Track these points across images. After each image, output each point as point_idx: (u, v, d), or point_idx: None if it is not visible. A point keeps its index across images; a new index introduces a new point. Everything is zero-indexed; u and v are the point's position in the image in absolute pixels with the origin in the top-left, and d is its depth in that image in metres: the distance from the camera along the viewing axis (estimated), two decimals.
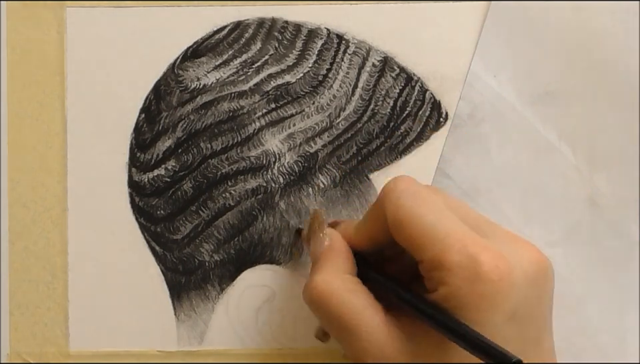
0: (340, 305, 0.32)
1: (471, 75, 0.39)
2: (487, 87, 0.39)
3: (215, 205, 0.39)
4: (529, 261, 0.31)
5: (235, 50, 0.40)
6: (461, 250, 0.30)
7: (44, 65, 0.40)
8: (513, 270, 0.29)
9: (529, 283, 0.30)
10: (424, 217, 0.31)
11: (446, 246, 0.30)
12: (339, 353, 0.39)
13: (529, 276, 0.30)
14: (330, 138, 0.39)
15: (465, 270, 0.29)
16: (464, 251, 0.30)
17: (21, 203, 0.40)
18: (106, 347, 0.40)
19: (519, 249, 0.31)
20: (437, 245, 0.30)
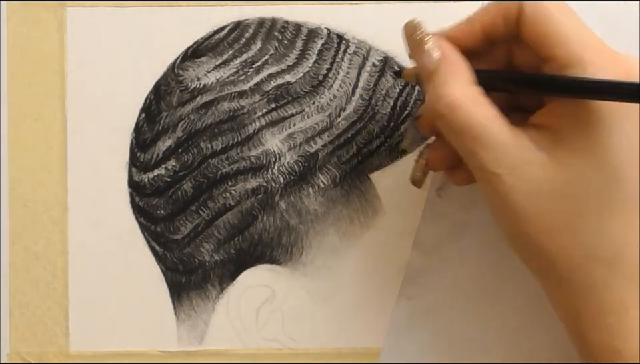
0: (469, 116, 0.32)
1: None
2: None
3: (215, 205, 0.39)
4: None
5: (235, 50, 0.40)
6: (599, 51, 0.31)
7: (44, 65, 0.40)
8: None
9: None
10: (563, 17, 0.31)
11: (585, 45, 0.31)
12: (339, 353, 0.40)
13: None
14: (330, 138, 0.39)
15: (600, 68, 0.30)
16: (601, 53, 0.30)
17: (21, 203, 0.40)
18: (106, 347, 0.40)
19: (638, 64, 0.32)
20: (574, 41, 0.31)
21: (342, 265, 0.40)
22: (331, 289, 0.39)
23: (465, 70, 0.33)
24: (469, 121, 0.32)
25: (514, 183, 0.31)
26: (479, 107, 0.32)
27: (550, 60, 0.31)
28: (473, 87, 0.33)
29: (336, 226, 0.40)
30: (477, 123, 0.31)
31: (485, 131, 0.31)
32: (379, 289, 0.39)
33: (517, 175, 0.31)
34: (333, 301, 0.40)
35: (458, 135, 0.32)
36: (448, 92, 0.32)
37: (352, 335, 0.40)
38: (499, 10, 0.33)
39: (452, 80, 0.33)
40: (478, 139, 0.31)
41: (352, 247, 0.40)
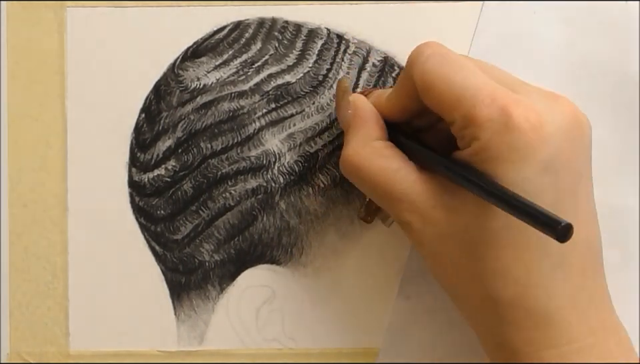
0: (373, 171, 0.33)
1: None
2: None
3: (215, 205, 0.39)
4: (562, 114, 0.31)
5: (235, 50, 0.40)
6: (491, 104, 0.30)
7: (44, 65, 0.40)
8: (545, 122, 0.30)
9: (562, 135, 0.30)
10: (452, 77, 0.31)
11: (476, 101, 0.30)
12: (339, 353, 0.40)
13: (562, 128, 0.30)
14: (330, 138, 0.39)
15: (495, 123, 0.30)
16: (494, 105, 0.30)
17: (21, 203, 0.40)
18: (106, 347, 0.40)
19: (553, 103, 0.31)
20: (466, 101, 0.30)
21: (342, 265, 0.40)
22: (331, 289, 0.39)
23: (372, 126, 0.34)
24: (373, 176, 0.33)
25: (422, 228, 0.32)
26: (382, 161, 0.33)
27: (451, 124, 0.31)
28: (377, 142, 0.34)
29: (336, 226, 0.40)
30: (380, 177, 0.32)
31: (391, 185, 0.32)
32: (379, 288, 0.39)
33: (424, 221, 0.32)
34: (333, 301, 0.40)
35: (368, 190, 0.34)
36: (353, 150, 0.34)
37: (352, 335, 0.40)
38: (402, 87, 0.34)
39: (358, 137, 0.34)
40: (386, 192, 0.32)
41: (352, 246, 0.40)
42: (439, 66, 0.32)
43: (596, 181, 0.36)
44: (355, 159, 0.33)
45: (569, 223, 0.26)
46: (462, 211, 0.31)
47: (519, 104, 0.30)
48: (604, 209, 0.38)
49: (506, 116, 0.30)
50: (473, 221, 0.31)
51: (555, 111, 0.31)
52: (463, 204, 0.31)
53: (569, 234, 0.26)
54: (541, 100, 0.31)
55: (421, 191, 0.32)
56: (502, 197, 0.29)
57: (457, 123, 0.31)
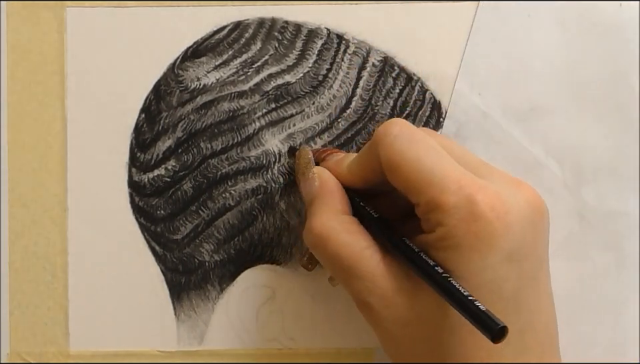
0: (338, 246, 0.32)
1: (456, 93, 0.39)
2: (472, 105, 0.39)
3: (215, 205, 0.39)
4: (525, 201, 0.31)
5: (235, 50, 0.40)
6: (458, 191, 0.30)
7: (44, 65, 0.40)
8: (510, 210, 0.30)
9: (525, 223, 0.30)
10: (420, 160, 0.31)
11: (443, 188, 0.30)
12: (339, 353, 0.40)
13: (525, 216, 0.30)
14: (330, 138, 0.39)
15: (462, 210, 0.29)
16: (460, 192, 0.30)
17: (21, 203, 0.40)
18: (106, 347, 0.40)
19: (515, 189, 0.31)
20: (433, 187, 0.30)
21: None
22: (331, 289, 0.39)
23: (339, 200, 0.34)
24: (338, 252, 0.32)
25: (382, 311, 0.31)
26: (348, 237, 0.32)
27: (417, 205, 0.31)
28: (344, 217, 0.33)
29: None
30: (346, 253, 0.32)
31: (355, 262, 0.32)
32: None
33: (385, 304, 0.31)
34: (333, 301, 0.40)
35: (330, 264, 0.33)
36: (319, 222, 0.33)
37: (351, 335, 0.40)
38: (367, 164, 0.33)
39: (324, 210, 0.33)
40: (349, 269, 0.32)
41: None
42: (407, 148, 0.31)
43: (591, 184, 0.36)
44: (322, 231, 0.33)
45: (504, 326, 0.26)
46: (424, 296, 0.31)
47: (485, 192, 0.30)
48: (598, 212, 0.39)
49: (472, 204, 0.29)
50: (435, 308, 0.30)
51: (517, 197, 0.31)
52: (425, 290, 0.31)
53: (504, 336, 0.27)
54: (504, 186, 0.31)
55: (385, 273, 0.31)
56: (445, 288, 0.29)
57: (422, 207, 0.31)
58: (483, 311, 0.27)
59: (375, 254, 0.32)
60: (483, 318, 0.27)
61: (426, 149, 0.31)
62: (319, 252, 0.33)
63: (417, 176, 0.31)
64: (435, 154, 0.31)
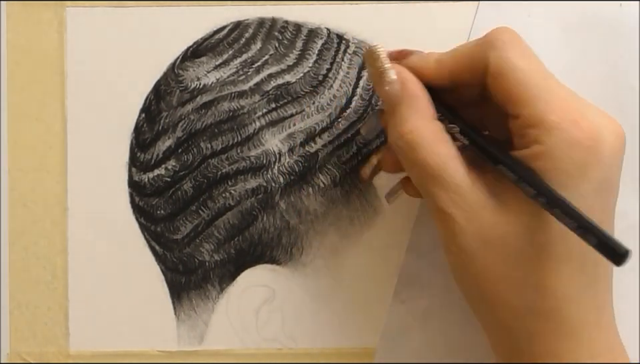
0: (428, 154, 0.31)
1: None
2: None
3: (215, 205, 0.39)
4: (615, 134, 0.31)
5: (235, 50, 0.40)
6: (564, 112, 0.30)
7: (44, 65, 0.40)
8: (605, 141, 0.30)
9: (614, 156, 0.30)
10: (530, 73, 0.31)
11: (549, 104, 0.30)
12: (339, 353, 0.40)
13: (614, 149, 0.30)
14: (330, 138, 0.39)
15: (564, 132, 0.29)
16: (567, 114, 0.30)
17: (21, 203, 0.40)
18: (106, 347, 0.40)
19: (607, 122, 0.31)
20: (540, 101, 0.30)
21: (342, 265, 0.40)
22: (331, 289, 0.39)
23: (427, 105, 0.33)
24: (427, 160, 0.31)
25: (465, 225, 0.31)
26: (438, 146, 0.32)
27: (515, 118, 0.31)
28: (434, 123, 0.32)
29: (336, 226, 0.40)
30: (435, 162, 0.31)
31: (443, 171, 0.31)
32: (379, 288, 0.39)
33: (468, 217, 0.31)
34: (333, 301, 0.40)
35: (416, 171, 0.32)
36: (409, 128, 0.32)
37: (352, 335, 0.40)
38: (467, 60, 0.33)
39: (413, 115, 0.32)
40: (435, 178, 0.31)
41: (352, 247, 0.40)
42: (520, 57, 0.31)
43: None
44: (414, 137, 0.32)
45: (629, 250, 0.27)
46: (512, 218, 0.31)
47: (587, 119, 0.30)
48: None
49: (575, 128, 0.30)
50: (522, 231, 0.30)
51: (610, 130, 0.31)
52: (514, 212, 0.31)
53: (627, 259, 0.27)
54: (598, 118, 0.31)
55: (472, 188, 0.31)
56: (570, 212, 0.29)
57: (522, 120, 0.30)
58: (607, 235, 0.27)
59: (463, 166, 0.32)
60: (609, 242, 0.27)
61: (537, 63, 0.31)
62: (407, 157, 0.32)
63: (524, 87, 0.30)
64: (544, 71, 0.31)
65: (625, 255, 0.27)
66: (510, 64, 0.31)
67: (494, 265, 0.31)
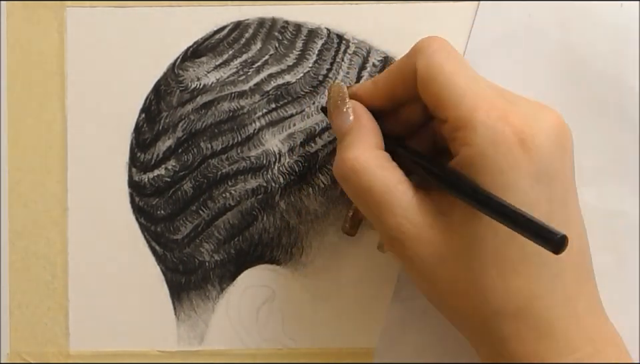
0: (372, 180, 0.32)
1: None
2: None
3: (215, 205, 0.39)
4: (551, 125, 0.31)
5: (235, 50, 0.40)
6: (489, 110, 0.30)
7: (44, 65, 0.40)
8: (537, 133, 0.30)
9: (552, 146, 0.30)
10: (456, 75, 0.31)
11: (475, 105, 0.30)
12: (339, 353, 0.40)
13: (552, 139, 0.30)
14: (330, 138, 0.39)
15: (491, 130, 0.30)
16: (492, 112, 0.30)
17: (21, 203, 0.40)
18: (106, 347, 0.40)
19: (541, 113, 0.31)
20: (466, 103, 0.30)
21: (342, 265, 0.40)
22: (331, 289, 0.39)
23: (373, 135, 0.33)
24: (371, 185, 0.32)
25: (416, 248, 0.31)
26: (382, 172, 0.32)
27: (444, 122, 0.31)
28: (379, 151, 0.33)
29: (336, 226, 0.40)
30: (379, 187, 0.32)
31: (388, 196, 0.31)
32: (379, 288, 0.39)
33: (418, 240, 0.31)
34: (333, 301, 0.40)
35: (362, 198, 0.32)
36: (353, 155, 0.32)
37: (352, 335, 0.40)
38: (398, 72, 0.33)
39: (359, 143, 0.33)
40: (382, 203, 0.32)
41: (352, 247, 0.40)
42: (445, 61, 0.32)
43: (590, 184, 0.36)
44: (356, 164, 0.32)
45: (564, 235, 0.27)
46: (460, 231, 0.31)
47: (515, 114, 0.30)
48: (598, 213, 0.39)
49: (502, 125, 0.30)
50: (472, 241, 0.30)
51: (544, 120, 0.31)
52: (460, 224, 0.31)
53: (564, 245, 0.27)
54: (531, 109, 0.31)
55: (419, 210, 0.31)
56: (498, 209, 0.29)
57: (451, 123, 0.31)
58: (540, 223, 0.27)
59: (409, 189, 0.32)
60: (541, 230, 0.27)
61: (463, 67, 0.32)
62: (350, 186, 0.33)
63: (450, 90, 0.31)
64: (471, 74, 0.32)
65: (562, 240, 0.27)
66: (436, 68, 0.31)
67: (455, 280, 0.31)
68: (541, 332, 0.30)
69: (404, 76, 0.33)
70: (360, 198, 0.33)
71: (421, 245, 0.31)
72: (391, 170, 0.32)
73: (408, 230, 0.31)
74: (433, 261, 0.31)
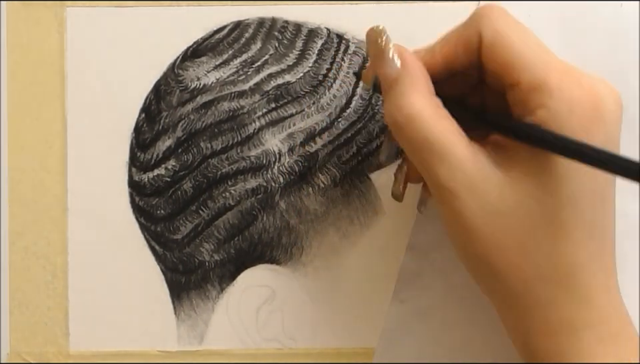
0: (428, 129, 0.31)
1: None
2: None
3: (215, 205, 0.39)
4: (613, 98, 0.31)
5: (235, 50, 0.40)
6: (564, 73, 0.30)
7: (44, 65, 0.40)
8: (608, 100, 0.30)
9: (615, 119, 0.31)
10: (525, 39, 0.31)
11: (549, 68, 0.30)
12: (339, 353, 0.40)
13: (614, 112, 0.31)
14: (330, 137, 0.39)
15: (566, 92, 0.29)
16: (567, 75, 0.30)
17: (21, 203, 0.40)
18: (106, 347, 0.40)
19: (605, 83, 0.31)
20: (538, 65, 0.30)
21: (342, 265, 0.40)
22: (331, 289, 0.39)
23: (426, 81, 0.32)
24: (427, 134, 0.31)
25: (468, 199, 0.31)
26: (438, 120, 0.31)
27: (514, 86, 0.31)
28: (433, 98, 0.32)
29: (336, 226, 0.40)
30: (435, 136, 0.31)
31: (443, 145, 0.31)
32: (379, 288, 0.39)
33: (471, 191, 0.31)
34: (333, 301, 0.40)
35: (415, 147, 0.32)
36: (408, 102, 0.31)
37: (352, 335, 0.40)
38: (458, 40, 0.32)
39: (412, 90, 0.32)
40: (435, 152, 0.31)
41: (352, 246, 0.40)
42: (513, 26, 0.31)
43: None
44: (412, 112, 0.31)
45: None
46: (516, 187, 0.30)
47: (586, 80, 0.30)
48: None
49: (577, 87, 0.30)
50: (528, 199, 0.30)
51: (608, 93, 0.31)
52: (519, 181, 0.30)
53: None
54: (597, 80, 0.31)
55: (474, 161, 0.31)
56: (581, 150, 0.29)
57: (523, 86, 0.30)
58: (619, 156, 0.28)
59: (464, 139, 0.31)
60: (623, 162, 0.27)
61: (529, 31, 0.31)
62: (405, 134, 0.32)
63: (520, 53, 0.30)
64: (539, 41, 0.31)
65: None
66: (503, 33, 0.31)
67: (503, 236, 0.31)
68: (579, 300, 0.30)
69: (465, 44, 0.32)
70: (414, 146, 0.32)
71: (474, 196, 0.30)
72: (447, 119, 0.31)
73: (462, 180, 0.31)
74: (483, 214, 0.30)
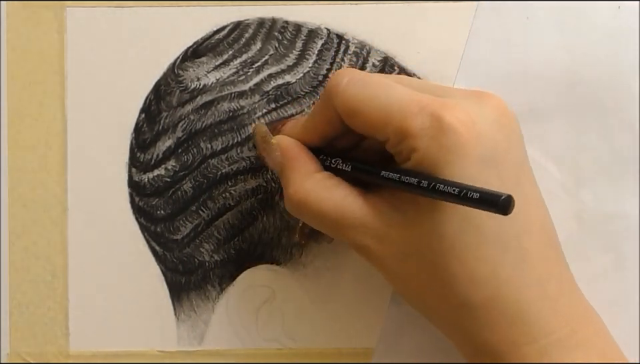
0: (319, 204, 0.33)
1: None
2: None
3: (215, 205, 0.39)
4: (490, 108, 0.31)
5: (235, 50, 0.40)
6: (420, 112, 0.30)
7: (44, 64, 0.40)
8: (476, 119, 0.30)
9: (494, 128, 0.31)
10: (376, 97, 0.31)
11: (405, 114, 0.30)
12: (339, 353, 0.40)
13: (493, 122, 0.31)
14: None
15: (429, 129, 0.30)
16: (424, 112, 0.30)
17: (21, 203, 0.40)
18: (106, 347, 0.40)
19: (479, 99, 0.31)
20: (396, 116, 0.31)
21: (342, 265, 0.40)
22: (331, 289, 0.39)
23: (307, 162, 0.34)
24: (322, 210, 0.32)
25: (380, 249, 0.32)
26: (329, 194, 0.33)
27: (385, 142, 0.32)
28: (317, 175, 0.34)
29: None
30: (330, 209, 0.32)
31: (341, 214, 0.32)
32: (379, 288, 0.39)
33: (380, 241, 0.32)
34: (333, 301, 0.40)
35: (319, 223, 0.33)
36: (294, 189, 0.33)
37: (352, 335, 0.40)
38: (321, 118, 0.34)
39: (296, 175, 0.34)
40: (337, 222, 0.32)
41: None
42: (361, 90, 0.32)
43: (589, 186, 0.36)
44: (300, 196, 0.33)
45: (509, 195, 0.27)
46: (416, 225, 0.31)
47: (447, 106, 0.30)
48: (598, 214, 0.39)
49: (437, 120, 0.30)
50: (429, 233, 0.31)
51: (481, 106, 0.31)
52: (416, 218, 0.31)
53: (511, 205, 0.27)
54: (467, 99, 0.31)
55: (372, 213, 0.32)
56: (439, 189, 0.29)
57: (391, 140, 0.31)
58: (481, 189, 0.28)
59: (358, 198, 0.32)
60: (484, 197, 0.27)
61: (379, 86, 0.32)
62: (303, 216, 0.34)
63: (377, 112, 0.31)
64: (389, 87, 0.32)
65: (508, 200, 0.27)
66: (354, 99, 0.32)
67: (418, 275, 0.31)
68: (512, 318, 0.30)
69: (328, 121, 0.34)
70: (316, 223, 0.34)
71: (384, 246, 0.32)
72: (335, 187, 0.33)
73: (368, 236, 0.32)
74: (396, 259, 0.32)
